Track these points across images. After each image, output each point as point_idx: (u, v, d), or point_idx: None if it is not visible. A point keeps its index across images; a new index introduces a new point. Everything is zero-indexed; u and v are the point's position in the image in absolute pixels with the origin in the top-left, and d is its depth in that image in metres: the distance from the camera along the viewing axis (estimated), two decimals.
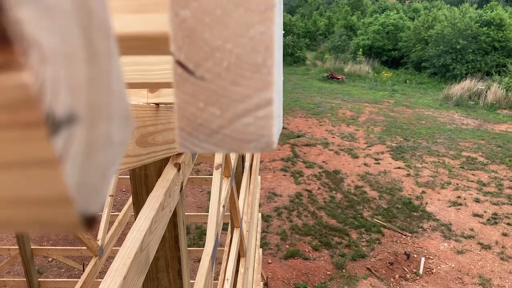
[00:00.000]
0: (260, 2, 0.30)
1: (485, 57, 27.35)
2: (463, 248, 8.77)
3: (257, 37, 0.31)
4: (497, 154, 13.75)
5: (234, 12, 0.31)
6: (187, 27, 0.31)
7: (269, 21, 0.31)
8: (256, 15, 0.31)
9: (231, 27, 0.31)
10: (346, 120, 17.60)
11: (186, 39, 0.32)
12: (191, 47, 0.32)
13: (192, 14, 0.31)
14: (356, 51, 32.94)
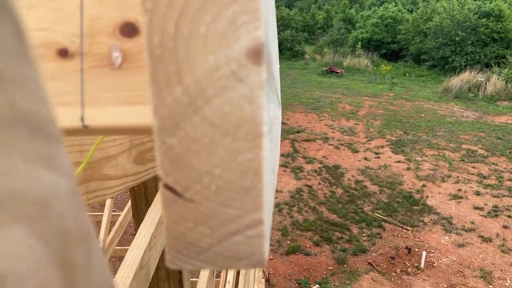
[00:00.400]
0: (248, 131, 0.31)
1: (484, 48, 27.28)
2: (464, 241, 8.79)
3: (246, 163, 0.31)
4: (497, 146, 13.75)
5: (221, 140, 0.31)
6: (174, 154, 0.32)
7: (258, 148, 0.31)
8: (244, 143, 0.31)
9: (219, 154, 0.31)
10: (345, 114, 17.59)
11: (174, 165, 0.32)
12: (178, 172, 0.32)
13: (179, 142, 0.31)
14: (355, 45, 32.84)
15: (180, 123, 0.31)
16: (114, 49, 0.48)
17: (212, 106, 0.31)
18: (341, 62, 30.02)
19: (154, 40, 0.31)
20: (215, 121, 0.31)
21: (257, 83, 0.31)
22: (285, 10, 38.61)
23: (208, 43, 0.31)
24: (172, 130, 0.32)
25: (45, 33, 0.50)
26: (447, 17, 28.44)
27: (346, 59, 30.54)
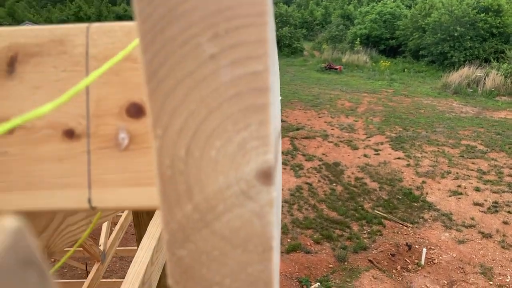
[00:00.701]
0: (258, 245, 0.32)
1: (483, 43, 27.26)
2: (464, 237, 8.80)
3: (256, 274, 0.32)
4: (496, 142, 13.76)
5: (231, 252, 0.32)
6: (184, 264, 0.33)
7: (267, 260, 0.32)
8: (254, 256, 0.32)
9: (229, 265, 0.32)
10: (345, 111, 17.59)
11: (184, 275, 0.33)
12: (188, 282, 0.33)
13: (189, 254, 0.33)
14: (353, 41, 32.80)
15: (190, 236, 0.32)
16: (120, 130, 0.49)
17: (222, 221, 0.32)
18: (340, 59, 29.99)
19: (165, 162, 0.32)
20: (225, 234, 0.32)
21: (267, 201, 0.32)
22: (283, 7, 38.53)
23: (218, 165, 0.32)
24: (182, 242, 0.33)
25: (51, 113, 0.50)
26: (445, 12, 28.40)
27: (344, 55, 30.52)
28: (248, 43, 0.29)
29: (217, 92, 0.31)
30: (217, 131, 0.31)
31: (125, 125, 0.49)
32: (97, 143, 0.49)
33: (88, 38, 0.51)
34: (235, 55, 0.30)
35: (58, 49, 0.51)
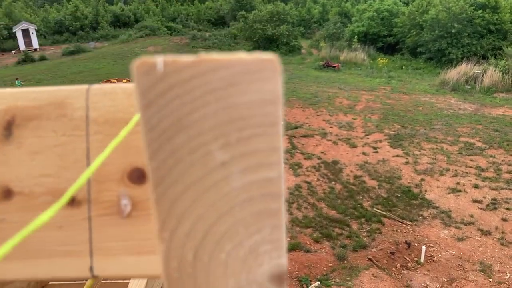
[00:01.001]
0: None
1: (480, 40, 27.26)
2: (464, 235, 8.82)
3: None
4: (494, 139, 13.78)
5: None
6: None
7: None
8: None
9: None
10: (343, 109, 17.59)
11: None
12: None
13: None
14: (351, 39, 32.78)
15: None
16: (122, 197, 0.48)
17: None
18: (337, 56, 29.98)
19: (172, 264, 0.32)
20: None
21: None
22: (280, 5, 38.47)
23: (228, 268, 0.32)
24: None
25: (51, 179, 0.49)
26: (443, 9, 28.39)
27: (342, 53, 30.50)
28: (260, 151, 0.29)
29: (228, 197, 0.30)
30: (227, 235, 0.31)
31: (127, 191, 0.48)
32: (99, 210, 0.48)
33: (88, 101, 0.49)
34: (247, 163, 0.30)
35: (58, 112, 0.49)
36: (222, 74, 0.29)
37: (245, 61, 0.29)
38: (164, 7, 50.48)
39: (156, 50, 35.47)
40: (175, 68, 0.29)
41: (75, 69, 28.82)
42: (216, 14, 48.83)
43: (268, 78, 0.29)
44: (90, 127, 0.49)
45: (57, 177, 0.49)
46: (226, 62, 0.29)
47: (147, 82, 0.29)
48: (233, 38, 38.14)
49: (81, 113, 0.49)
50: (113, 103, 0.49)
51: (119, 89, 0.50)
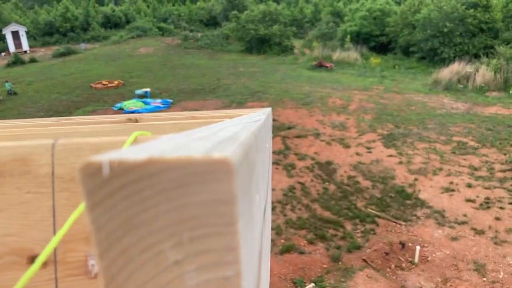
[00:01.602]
0: None
1: (472, 39, 27.40)
2: (457, 234, 8.81)
3: None
4: (487, 138, 13.81)
5: None
6: None
7: None
8: None
9: None
10: (336, 109, 17.57)
11: None
12: None
13: None
14: (343, 38, 32.84)
15: None
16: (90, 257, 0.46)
17: None
18: (330, 56, 30.01)
19: None
20: None
21: None
22: (272, 5, 38.45)
23: None
24: None
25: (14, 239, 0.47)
26: (435, 8, 28.52)
27: (335, 53, 30.53)
28: (215, 250, 0.29)
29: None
30: None
31: None
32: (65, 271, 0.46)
33: (53, 157, 0.48)
34: (201, 261, 0.29)
35: (22, 169, 0.47)
36: (172, 175, 0.28)
37: (196, 162, 0.28)
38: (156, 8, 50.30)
39: (148, 51, 35.31)
40: (123, 170, 0.28)
41: (65, 71, 28.59)
42: (208, 14, 48.73)
43: (221, 179, 0.28)
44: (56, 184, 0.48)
45: (21, 236, 0.47)
46: (175, 163, 0.28)
47: (93, 184, 0.28)
48: (225, 39, 38.06)
49: (47, 170, 0.48)
50: (79, 159, 0.48)
51: (86, 145, 0.49)
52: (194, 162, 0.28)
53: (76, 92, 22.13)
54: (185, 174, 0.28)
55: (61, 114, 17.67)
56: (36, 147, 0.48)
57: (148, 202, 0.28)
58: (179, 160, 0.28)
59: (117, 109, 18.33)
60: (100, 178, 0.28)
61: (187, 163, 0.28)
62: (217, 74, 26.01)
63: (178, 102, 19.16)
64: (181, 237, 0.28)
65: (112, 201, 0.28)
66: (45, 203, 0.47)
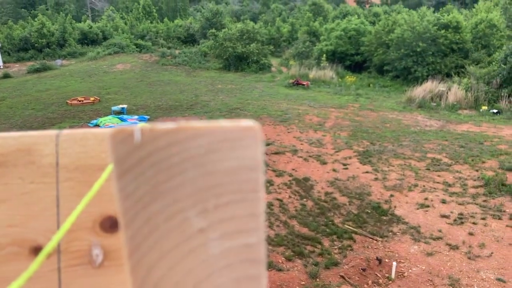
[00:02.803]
0: None
1: (444, 59, 28.21)
2: (433, 249, 8.93)
3: None
4: (460, 154, 14.14)
5: None
6: None
7: None
8: None
9: None
10: (313, 126, 17.75)
11: None
12: None
13: None
14: (319, 57, 33.36)
15: None
16: (94, 246, 0.46)
17: None
18: (307, 74, 30.41)
19: None
20: None
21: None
22: (250, 24, 38.88)
23: None
24: None
25: (17, 229, 0.46)
26: (408, 28, 29.31)
27: (311, 71, 30.96)
28: (239, 217, 0.29)
29: (205, 263, 0.30)
30: None
31: (99, 240, 0.45)
32: (69, 260, 0.45)
33: (58, 147, 0.47)
34: (225, 229, 0.29)
35: (25, 159, 0.47)
36: (201, 141, 0.28)
37: (225, 129, 0.28)
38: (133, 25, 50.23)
39: (125, 68, 35.11)
40: (153, 136, 0.28)
41: (41, 87, 28.15)
42: (186, 32, 48.87)
43: (248, 145, 0.28)
44: (60, 174, 0.47)
45: (24, 227, 0.46)
46: (205, 130, 0.28)
47: (123, 151, 0.28)
48: (203, 56, 38.19)
49: (51, 160, 0.47)
50: (84, 149, 0.48)
51: (91, 134, 0.48)
52: (223, 129, 0.28)
53: (51, 108, 21.78)
54: (213, 141, 0.28)
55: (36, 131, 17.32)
56: (40, 137, 0.48)
57: (175, 169, 0.28)
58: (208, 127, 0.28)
59: (92, 125, 18.11)
60: (130, 144, 0.28)
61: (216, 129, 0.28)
62: (195, 90, 26.02)
63: (155, 119, 19.05)
64: (206, 204, 0.28)
65: (140, 168, 0.28)
66: (49, 193, 0.46)
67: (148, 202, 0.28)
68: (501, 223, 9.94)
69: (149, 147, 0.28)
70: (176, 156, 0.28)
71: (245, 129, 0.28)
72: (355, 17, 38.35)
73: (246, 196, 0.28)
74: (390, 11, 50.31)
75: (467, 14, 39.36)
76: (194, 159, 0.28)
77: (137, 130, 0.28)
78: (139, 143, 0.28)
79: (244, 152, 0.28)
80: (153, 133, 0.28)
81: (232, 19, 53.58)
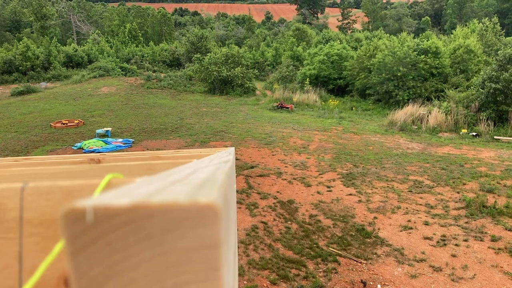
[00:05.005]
0: None
1: (424, 83, 28.87)
2: (416, 272, 8.99)
3: None
4: (441, 177, 14.37)
5: None
6: None
7: None
8: None
9: None
10: (297, 148, 17.89)
11: None
12: None
13: None
14: (303, 81, 33.84)
15: None
16: None
17: None
18: (291, 98, 30.78)
19: None
20: None
21: None
22: (235, 48, 39.38)
23: None
24: None
25: None
26: (389, 54, 30.02)
27: (295, 94, 31.37)
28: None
29: None
30: None
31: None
32: None
33: (22, 201, 0.45)
34: None
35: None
36: (158, 220, 0.27)
37: (182, 207, 0.27)
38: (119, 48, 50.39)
39: (110, 90, 35.06)
40: (107, 216, 0.27)
41: (24, 110, 27.91)
42: (172, 56, 49.21)
43: (208, 224, 0.27)
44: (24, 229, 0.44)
45: None
46: (161, 208, 0.27)
47: (76, 230, 0.27)
48: (188, 79, 38.41)
49: (14, 214, 0.45)
50: (49, 203, 0.45)
51: (56, 187, 0.46)
52: (180, 207, 0.27)
53: (35, 131, 21.58)
54: (170, 220, 0.27)
55: (18, 154, 17.12)
56: (5, 190, 0.45)
57: (131, 249, 0.27)
58: (165, 206, 0.27)
59: (76, 148, 17.96)
60: (83, 224, 0.27)
61: (172, 208, 0.27)
62: (180, 113, 26.08)
63: (140, 141, 19.00)
64: (164, 283, 0.27)
65: (94, 248, 0.27)
66: (12, 249, 0.43)
67: (103, 282, 0.27)
68: (483, 244, 10.08)
69: (103, 227, 0.27)
70: (131, 236, 0.27)
71: (204, 207, 0.27)
72: (338, 42, 39.17)
73: (206, 276, 0.27)
74: (371, 36, 51.50)
75: (445, 40, 40.52)
76: (150, 238, 0.27)
77: (89, 210, 0.27)
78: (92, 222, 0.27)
79: (202, 230, 0.27)
80: (107, 212, 0.27)
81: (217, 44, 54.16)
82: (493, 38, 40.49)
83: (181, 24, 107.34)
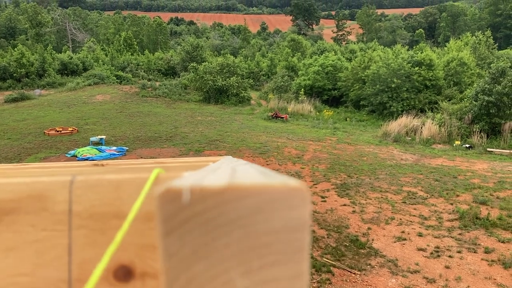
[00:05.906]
0: None
1: (418, 95, 29.09)
2: (410, 283, 8.98)
3: None
4: (435, 188, 14.42)
5: None
6: None
7: None
8: None
9: None
10: (291, 158, 17.91)
11: None
12: None
13: None
14: (298, 91, 34.00)
15: None
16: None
17: None
18: (285, 108, 30.89)
19: None
20: None
21: None
22: (230, 58, 39.53)
23: None
24: None
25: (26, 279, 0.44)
26: (383, 65, 30.25)
27: (290, 105, 31.48)
28: (284, 278, 0.28)
29: None
30: None
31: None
32: None
33: (71, 194, 0.46)
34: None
35: (37, 206, 0.45)
36: (249, 202, 0.28)
37: (274, 189, 0.28)
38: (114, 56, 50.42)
39: (104, 98, 35.01)
40: (201, 197, 0.28)
41: (18, 117, 27.78)
42: (167, 64, 49.31)
43: (295, 206, 0.28)
44: (73, 221, 0.45)
45: (34, 276, 0.44)
46: (254, 190, 0.28)
47: (171, 210, 0.28)
48: (183, 88, 38.45)
49: (64, 207, 0.46)
50: (98, 196, 0.46)
51: (106, 181, 0.47)
52: (273, 189, 0.28)
53: (28, 138, 21.46)
54: (262, 201, 0.28)
55: (11, 161, 17.01)
56: (53, 183, 0.46)
57: (221, 230, 0.28)
58: (260, 187, 0.28)
59: (70, 156, 17.88)
60: (178, 204, 0.28)
61: (267, 190, 0.28)
62: (174, 122, 26.06)
63: (134, 150, 18.95)
64: (251, 264, 0.28)
65: (186, 228, 0.28)
66: (61, 241, 0.44)
67: (192, 262, 0.28)
68: (476, 256, 10.10)
69: (197, 208, 0.28)
70: (223, 217, 0.28)
71: (293, 189, 0.28)
72: (332, 53, 39.46)
73: (291, 257, 0.28)
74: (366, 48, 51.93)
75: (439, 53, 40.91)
76: (240, 219, 0.28)
77: (186, 191, 0.28)
78: (187, 203, 0.28)
79: (290, 212, 0.28)
80: (202, 193, 0.28)
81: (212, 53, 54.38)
82: (486, 51, 40.93)
83: (177, 33, 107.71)
